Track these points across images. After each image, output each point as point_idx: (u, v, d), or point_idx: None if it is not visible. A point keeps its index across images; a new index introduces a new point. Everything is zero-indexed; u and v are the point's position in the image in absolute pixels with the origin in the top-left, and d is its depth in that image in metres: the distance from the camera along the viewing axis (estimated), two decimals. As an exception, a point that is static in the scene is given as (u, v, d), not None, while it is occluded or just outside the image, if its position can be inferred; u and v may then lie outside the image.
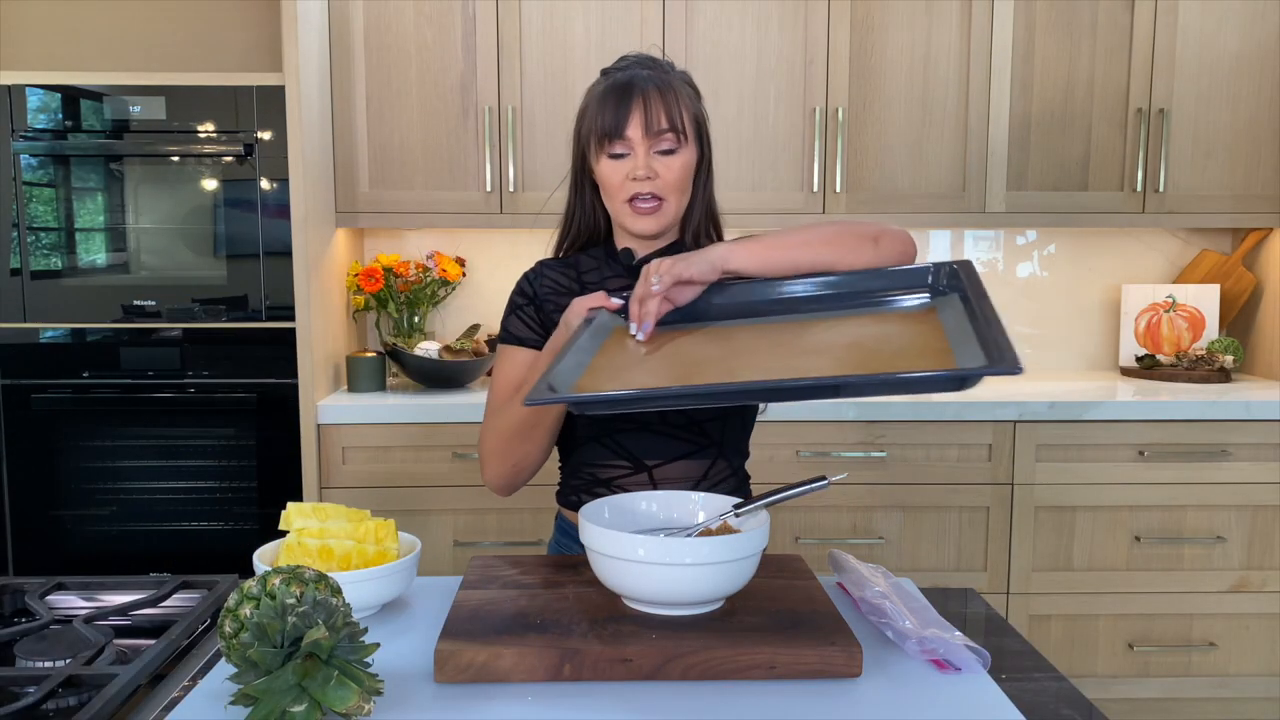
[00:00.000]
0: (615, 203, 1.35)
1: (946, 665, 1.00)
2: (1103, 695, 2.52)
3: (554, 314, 1.41)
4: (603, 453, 1.38)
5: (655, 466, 1.37)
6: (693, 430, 1.37)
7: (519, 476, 1.39)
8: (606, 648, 0.96)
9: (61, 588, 1.24)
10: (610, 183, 1.34)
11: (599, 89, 1.35)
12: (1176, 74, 2.65)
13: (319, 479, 2.44)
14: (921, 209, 2.67)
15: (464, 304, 2.94)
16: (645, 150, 1.31)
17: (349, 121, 2.59)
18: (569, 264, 1.45)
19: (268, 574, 0.89)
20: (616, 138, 1.31)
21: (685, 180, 1.35)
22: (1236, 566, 2.52)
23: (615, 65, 1.38)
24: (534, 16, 2.58)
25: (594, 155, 1.34)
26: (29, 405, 2.44)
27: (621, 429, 1.37)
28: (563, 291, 1.42)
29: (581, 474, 1.41)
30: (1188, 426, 2.47)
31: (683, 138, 1.32)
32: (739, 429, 1.42)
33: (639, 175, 1.31)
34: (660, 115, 1.30)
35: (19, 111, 2.39)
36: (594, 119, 1.33)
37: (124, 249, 2.46)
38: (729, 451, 1.40)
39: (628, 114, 1.30)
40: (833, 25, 2.60)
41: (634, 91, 1.30)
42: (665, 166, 1.32)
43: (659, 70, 1.35)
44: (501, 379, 1.41)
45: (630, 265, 1.40)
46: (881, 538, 2.49)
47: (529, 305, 1.43)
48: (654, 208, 1.33)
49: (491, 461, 1.39)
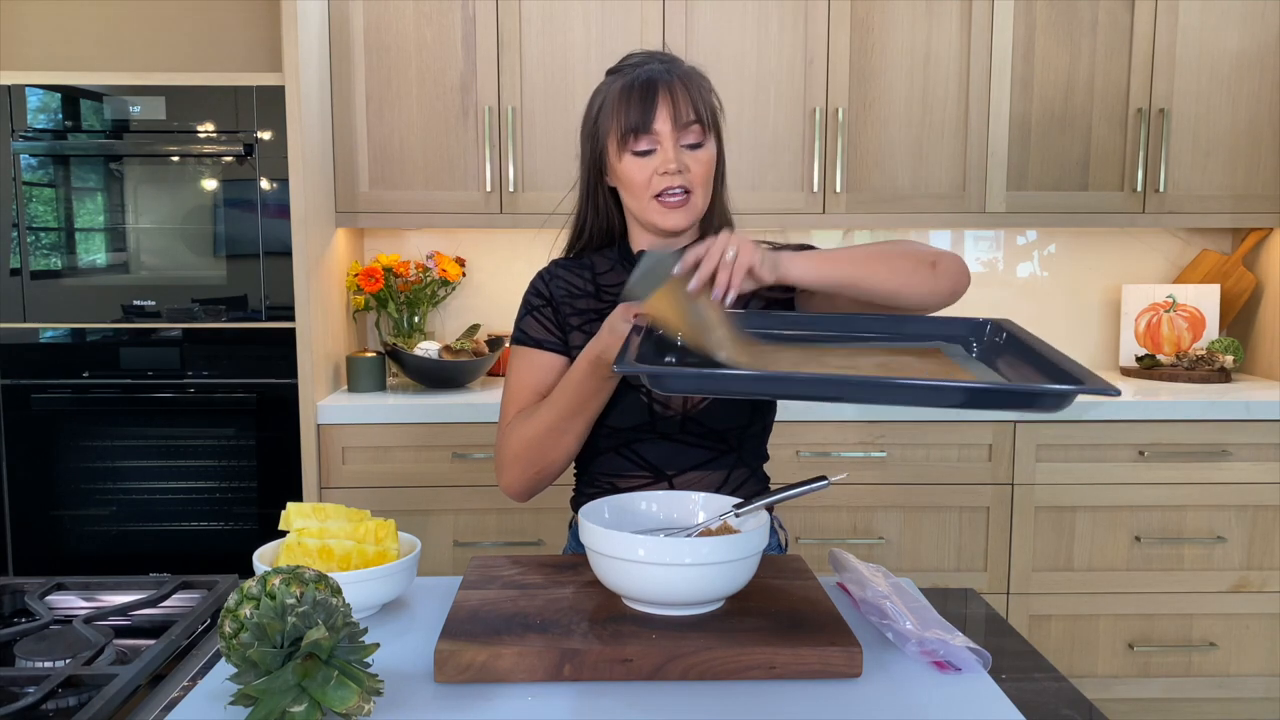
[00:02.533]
0: (642, 200, 1.31)
1: (947, 665, 1.00)
2: (1103, 695, 2.52)
3: (570, 317, 1.38)
4: (622, 463, 1.37)
5: (675, 475, 1.35)
6: (711, 438, 1.36)
7: (540, 483, 1.36)
8: (606, 648, 0.96)
9: (61, 588, 1.24)
10: (636, 180, 1.30)
11: (615, 87, 1.31)
12: (1176, 74, 2.65)
13: (319, 479, 2.44)
14: (921, 209, 2.67)
15: (464, 304, 2.94)
16: (674, 144, 1.29)
17: (349, 121, 2.59)
18: (583, 265, 1.43)
19: (268, 574, 0.89)
20: (644, 133, 1.28)
21: (710, 173, 1.33)
22: (1237, 566, 2.52)
23: (626, 63, 1.35)
24: (534, 16, 2.58)
25: (615, 154, 1.31)
26: (29, 405, 2.44)
27: (640, 439, 1.35)
28: (578, 294, 1.40)
29: (599, 483, 1.39)
30: (1188, 426, 2.47)
31: (708, 129, 1.31)
32: (759, 434, 1.40)
33: (669, 169, 1.28)
34: (687, 107, 1.28)
35: (19, 111, 2.39)
36: (615, 117, 1.30)
37: (124, 249, 2.46)
38: (748, 456, 1.39)
39: (654, 108, 1.28)
40: (833, 25, 2.60)
41: (658, 86, 1.28)
42: (693, 160, 1.30)
43: (675, 64, 1.33)
44: (519, 383, 1.37)
45: None
46: (881, 538, 2.49)
47: (546, 307, 1.40)
48: (682, 201, 1.30)
49: (513, 468, 1.35)
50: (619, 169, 1.32)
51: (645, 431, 1.35)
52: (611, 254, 1.43)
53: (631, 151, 1.30)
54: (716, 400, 1.34)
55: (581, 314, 1.39)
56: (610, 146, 1.32)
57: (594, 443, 1.37)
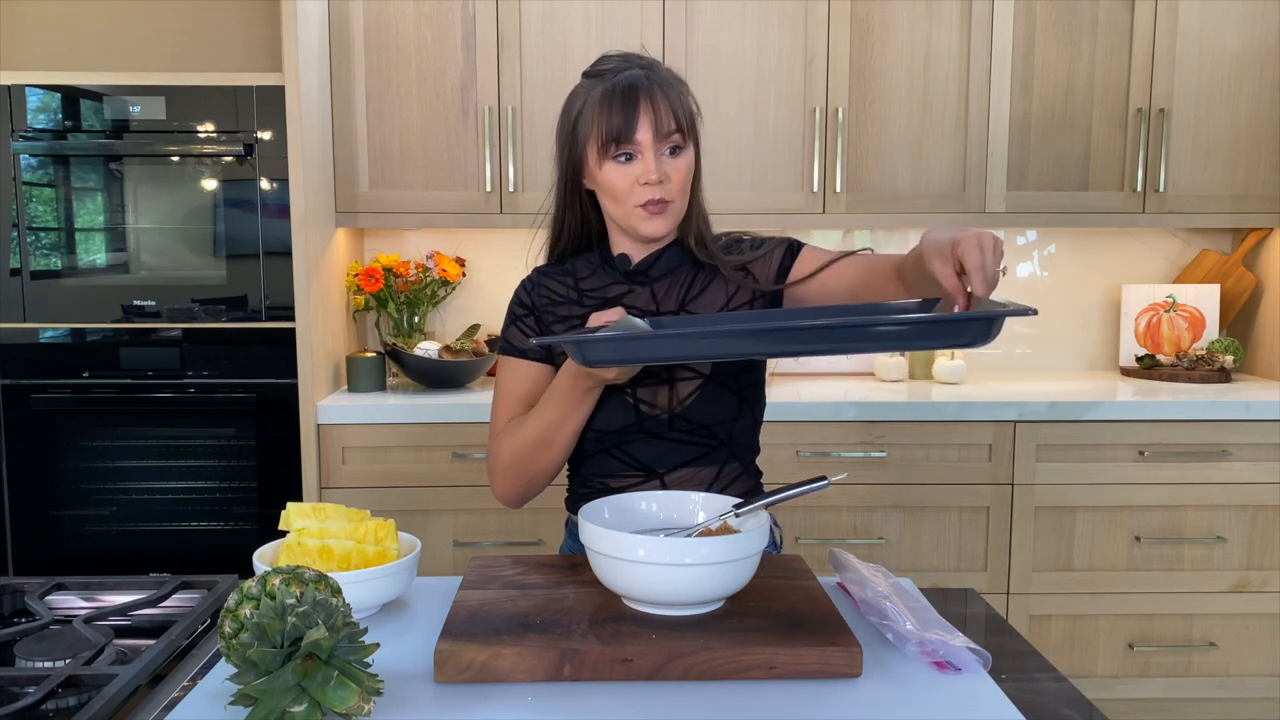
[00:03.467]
0: (624, 207, 1.31)
1: (947, 666, 1.00)
2: (1103, 695, 2.52)
3: (553, 325, 1.39)
4: (613, 464, 1.37)
5: (666, 473, 1.35)
6: (700, 434, 1.35)
7: (531, 491, 1.38)
8: (606, 648, 0.96)
9: (61, 588, 1.24)
10: (619, 188, 1.30)
11: (595, 92, 1.30)
12: (1176, 74, 2.65)
13: (319, 479, 2.44)
14: (921, 209, 2.67)
15: (464, 304, 2.94)
16: (654, 153, 1.28)
17: (349, 121, 2.59)
18: (565, 271, 1.43)
19: (268, 574, 0.89)
20: (625, 141, 1.28)
21: (689, 180, 1.34)
22: (1236, 566, 2.52)
23: (601, 66, 1.33)
24: (534, 16, 2.58)
25: (595, 160, 1.31)
26: (29, 405, 2.44)
27: (630, 440, 1.35)
28: (560, 301, 1.40)
29: (591, 483, 1.39)
30: (1188, 426, 2.47)
31: (687, 136, 1.31)
32: (749, 427, 1.40)
33: (651, 179, 1.28)
34: (668, 116, 1.28)
35: (19, 111, 2.39)
36: (596, 123, 1.29)
37: (124, 249, 2.46)
38: (739, 450, 1.39)
39: (635, 116, 1.27)
40: (833, 25, 2.60)
41: (639, 93, 1.28)
42: (673, 168, 1.30)
43: (654, 69, 1.32)
44: (506, 392, 1.39)
45: (627, 271, 1.39)
46: (881, 538, 2.49)
47: (529, 315, 1.41)
48: (664, 208, 1.31)
49: (504, 477, 1.37)
50: (599, 176, 1.32)
51: (634, 432, 1.35)
52: (593, 258, 1.42)
53: (612, 159, 1.29)
54: (702, 395, 1.34)
55: (564, 321, 1.39)
56: (590, 153, 1.31)
57: (583, 446, 1.37)
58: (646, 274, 1.39)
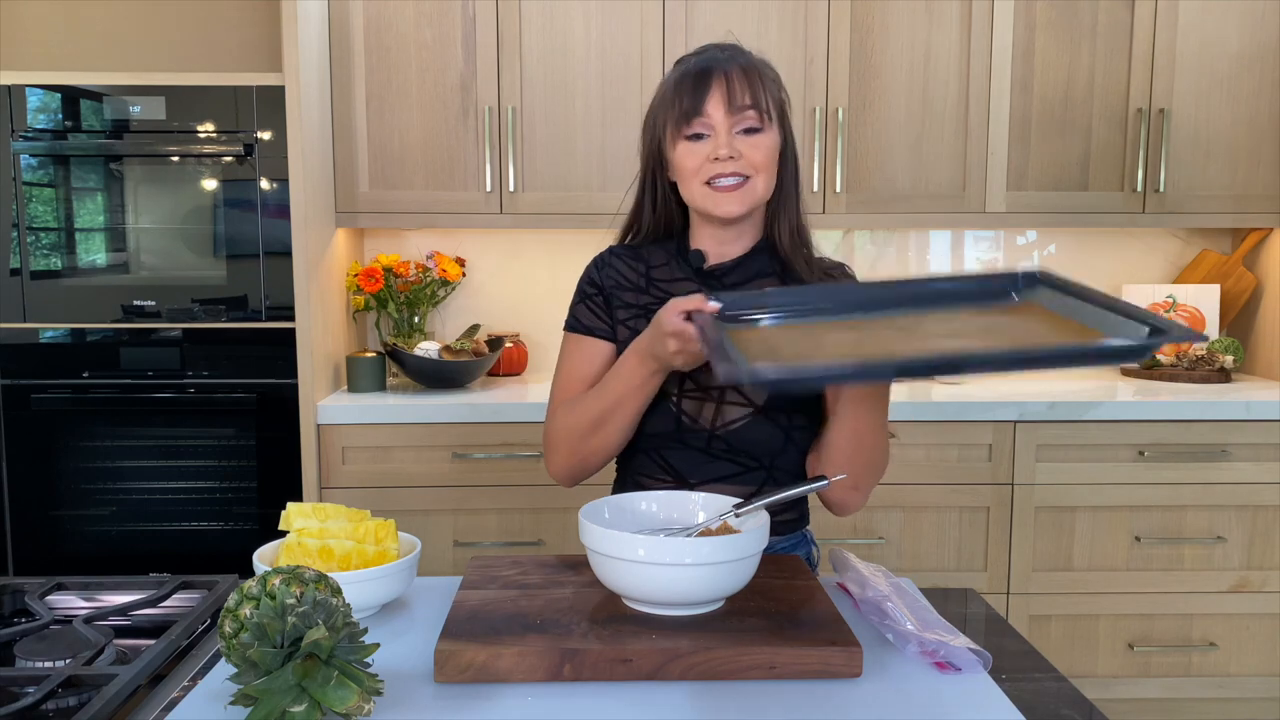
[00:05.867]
0: (694, 186, 1.29)
1: (947, 666, 1.00)
2: (1103, 695, 2.52)
3: (619, 309, 1.37)
4: (650, 464, 1.36)
5: (698, 485, 1.33)
6: (740, 455, 1.32)
7: (585, 470, 1.36)
8: (606, 648, 0.96)
9: (61, 588, 1.24)
10: (688, 166, 1.28)
11: (672, 77, 1.30)
12: (1176, 74, 2.65)
13: (319, 479, 2.44)
14: (921, 209, 2.67)
15: (464, 304, 2.94)
16: (727, 129, 1.26)
17: (349, 121, 2.59)
18: (638, 256, 1.40)
19: (268, 574, 0.89)
20: (695, 116, 1.26)
21: (773, 161, 1.29)
22: (1236, 566, 2.52)
23: (688, 54, 1.34)
24: (534, 16, 2.58)
25: (670, 142, 1.29)
26: (29, 405, 2.44)
27: (669, 446, 1.34)
28: (627, 286, 1.38)
29: (629, 482, 1.39)
30: (1188, 426, 2.47)
31: (767, 118, 1.28)
32: (795, 458, 1.35)
33: (721, 154, 1.25)
34: (742, 92, 1.26)
35: (19, 111, 2.39)
36: (670, 104, 1.28)
37: (124, 249, 2.45)
38: (780, 476, 1.34)
39: (706, 92, 1.26)
40: (833, 25, 2.60)
41: (713, 71, 1.26)
42: (750, 145, 1.27)
43: (737, 52, 1.31)
44: (570, 369, 1.38)
45: (699, 268, 1.36)
46: (881, 538, 2.49)
47: (598, 295, 1.39)
48: (737, 185, 1.27)
49: (558, 453, 1.35)
50: (674, 156, 1.30)
51: (672, 440, 1.33)
52: (670, 247, 1.40)
53: (684, 137, 1.28)
54: (748, 425, 1.31)
55: (628, 307, 1.37)
56: (667, 137, 1.30)
57: (634, 440, 1.36)
58: (721, 279, 1.35)
